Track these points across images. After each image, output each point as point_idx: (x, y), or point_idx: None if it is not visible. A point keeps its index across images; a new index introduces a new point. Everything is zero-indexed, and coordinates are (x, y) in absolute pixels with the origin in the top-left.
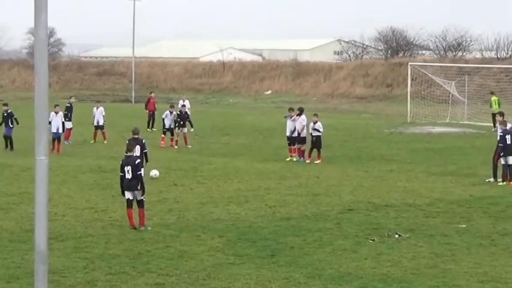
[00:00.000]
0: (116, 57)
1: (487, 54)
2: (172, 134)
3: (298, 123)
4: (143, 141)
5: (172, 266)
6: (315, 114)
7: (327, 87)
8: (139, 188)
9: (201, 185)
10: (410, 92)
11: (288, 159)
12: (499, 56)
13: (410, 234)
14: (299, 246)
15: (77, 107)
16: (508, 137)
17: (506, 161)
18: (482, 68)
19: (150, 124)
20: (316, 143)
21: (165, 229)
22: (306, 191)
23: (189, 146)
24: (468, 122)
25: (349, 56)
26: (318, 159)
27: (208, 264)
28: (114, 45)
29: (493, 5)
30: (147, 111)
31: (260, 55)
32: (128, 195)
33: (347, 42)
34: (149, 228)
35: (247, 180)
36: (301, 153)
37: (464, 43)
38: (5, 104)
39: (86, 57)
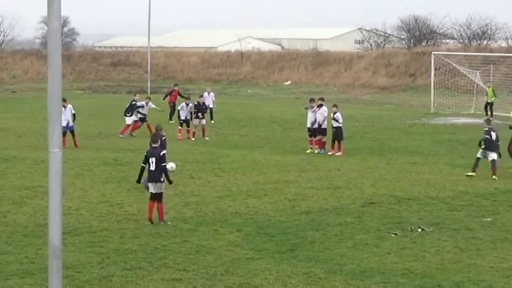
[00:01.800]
0: (131, 47)
1: None
2: (188, 126)
3: (319, 115)
4: (163, 137)
5: (189, 261)
6: (335, 105)
7: (347, 77)
8: (162, 180)
9: (219, 178)
10: (433, 82)
11: (308, 151)
12: None
13: (434, 228)
14: (319, 240)
15: (91, 98)
16: (493, 133)
17: (484, 155)
18: (508, 57)
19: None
20: (336, 134)
21: (182, 223)
22: (327, 183)
23: (207, 138)
24: (493, 113)
25: (371, 45)
26: (339, 151)
27: (226, 259)
28: (129, 35)
29: None
30: (169, 103)
31: (279, 44)
32: (151, 188)
33: (368, 31)
34: (169, 223)
35: (266, 173)
36: (322, 145)
37: (489, 31)
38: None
39: (100, 47)
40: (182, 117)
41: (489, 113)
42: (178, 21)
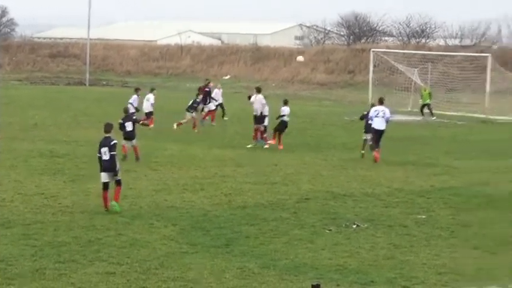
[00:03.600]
0: (70, 38)
1: (450, 42)
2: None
3: (257, 103)
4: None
5: (123, 254)
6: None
7: (287, 72)
8: (117, 168)
9: (156, 172)
10: (372, 79)
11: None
12: (462, 44)
13: (369, 225)
14: (254, 235)
15: (29, 90)
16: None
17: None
18: (446, 55)
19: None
20: (278, 125)
21: (117, 216)
22: (263, 179)
23: (196, 131)
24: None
25: (311, 41)
26: (273, 139)
27: (161, 253)
28: (68, 26)
29: None
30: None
31: (219, 39)
32: (105, 177)
33: (308, 27)
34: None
35: (203, 167)
36: (260, 135)
37: (428, 30)
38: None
39: (39, 38)
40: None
41: (423, 115)
42: (119, 13)
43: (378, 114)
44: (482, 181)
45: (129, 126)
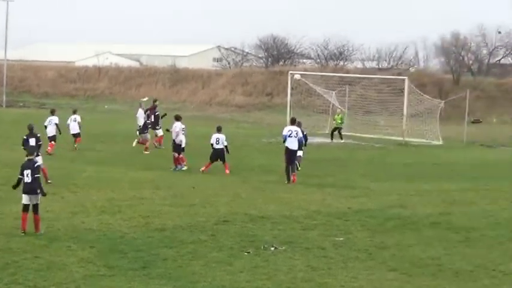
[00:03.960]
0: None
1: (368, 64)
2: (55, 141)
3: (172, 130)
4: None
5: (40, 277)
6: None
7: (205, 94)
8: (38, 191)
9: (73, 194)
10: (290, 101)
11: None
12: (380, 66)
13: (287, 247)
14: (172, 258)
15: None
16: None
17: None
18: (363, 78)
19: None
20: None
21: (34, 239)
22: (181, 201)
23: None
24: (348, 133)
25: (229, 63)
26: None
27: (78, 276)
28: None
29: (375, 15)
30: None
31: (138, 60)
32: (26, 199)
33: (227, 49)
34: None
35: (120, 189)
36: (176, 162)
37: (345, 52)
38: None
39: None
40: (51, 134)
41: (332, 139)
42: (36, 34)
43: (291, 134)
44: (399, 203)
45: (32, 141)
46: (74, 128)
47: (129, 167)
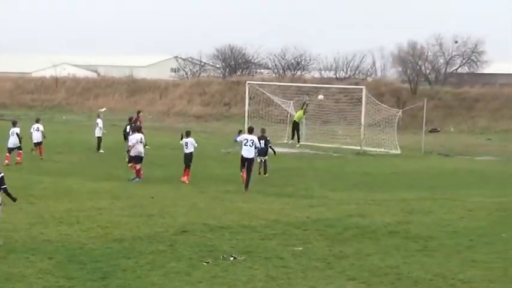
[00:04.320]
0: None
1: (326, 74)
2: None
3: (129, 140)
4: None
5: None
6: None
7: (162, 105)
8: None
9: (31, 205)
10: (248, 111)
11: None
12: (337, 76)
13: (246, 257)
14: (131, 268)
15: None
16: (261, 141)
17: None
18: (321, 88)
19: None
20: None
21: None
22: (140, 211)
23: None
24: (306, 143)
25: (186, 73)
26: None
27: (37, 287)
28: None
29: (332, 25)
30: None
31: (95, 71)
32: None
33: (184, 59)
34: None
35: (78, 200)
36: (137, 172)
37: (303, 62)
38: None
39: None
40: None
41: (295, 136)
42: None
43: (246, 142)
44: (357, 213)
45: None
46: (36, 137)
47: (87, 177)
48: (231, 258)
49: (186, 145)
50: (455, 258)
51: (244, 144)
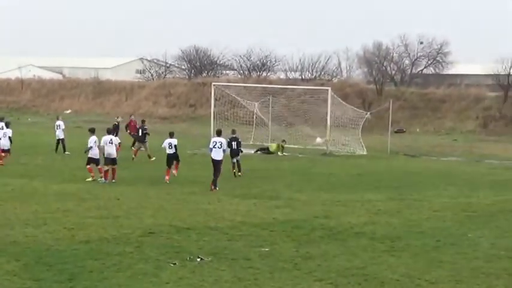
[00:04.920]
0: None
1: (291, 75)
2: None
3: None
4: None
5: None
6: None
7: (128, 106)
8: None
9: None
10: (213, 112)
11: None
12: (303, 77)
13: (212, 258)
14: (98, 270)
15: None
16: (233, 143)
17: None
18: (287, 89)
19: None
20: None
21: None
22: (106, 213)
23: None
24: (272, 144)
25: (152, 75)
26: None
27: None
28: None
29: (298, 26)
30: (130, 133)
31: (61, 73)
32: None
33: (149, 61)
34: None
35: (45, 202)
36: (105, 175)
37: (268, 63)
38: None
39: None
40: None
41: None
42: None
43: (215, 145)
44: (323, 214)
45: None
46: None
47: (53, 179)
48: (198, 260)
49: (170, 146)
50: (422, 259)
51: (214, 147)
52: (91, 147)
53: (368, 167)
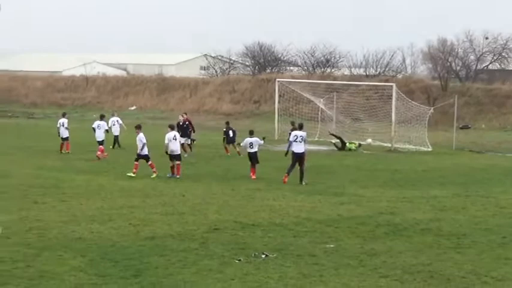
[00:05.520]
0: None
1: (355, 71)
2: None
3: (138, 140)
4: None
5: (32, 286)
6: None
7: (192, 103)
8: None
9: (63, 203)
10: (278, 108)
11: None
12: (367, 73)
13: (278, 254)
14: (163, 266)
15: None
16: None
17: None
18: (351, 85)
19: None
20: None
21: (25, 248)
22: (171, 209)
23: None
24: (337, 140)
25: (216, 71)
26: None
27: (70, 284)
28: None
29: (361, 22)
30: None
31: (125, 69)
32: None
33: (213, 57)
34: None
35: (110, 198)
36: (171, 170)
37: (332, 60)
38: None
39: None
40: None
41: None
42: (22, 45)
43: (296, 139)
44: (388, 210)
45: None
46: (63, 132)
47: (118, 175)
48: (263, 256)
49: (251, 145)
50: (488, 256)
51: (295, 141)
52: (167, 144)
53: (433, 163)
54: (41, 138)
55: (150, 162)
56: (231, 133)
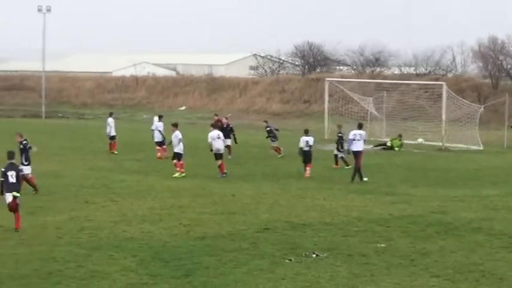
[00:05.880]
0: (25, 71)
1: (405, 70)
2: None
3: (174, 137)
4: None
5: (84, 286)
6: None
7: (242, 103)
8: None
9: (114, 203)
10: (327, 108)
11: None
12: (417, 72)
13: (328, 254)
14: (214, 266)
15: None
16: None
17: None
18: (401, 84)
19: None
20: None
21: (77, 248)
22: (221, 209)
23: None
24: (386, 139)
25: (265, 71)
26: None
27: (121, 284)
28: (23, 59)
29: (411, 20)
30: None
31: (174, 70)
32: (9, 198)
33: (263, 57)
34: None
35: (160, 198)
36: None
37: (382, 58)
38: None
39: None
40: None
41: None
42: (72, 45)
43: (355, 137)
44: (440, 209)
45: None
46: (110, 131)
47: (168, 175)
48: (314, 256)
49: (307, 144)
50: None
51: (354, 139)
52: (210, 142)
53: (485, 162)
54: (91, 139)
55: (176, 161)
56: (273, 131)
